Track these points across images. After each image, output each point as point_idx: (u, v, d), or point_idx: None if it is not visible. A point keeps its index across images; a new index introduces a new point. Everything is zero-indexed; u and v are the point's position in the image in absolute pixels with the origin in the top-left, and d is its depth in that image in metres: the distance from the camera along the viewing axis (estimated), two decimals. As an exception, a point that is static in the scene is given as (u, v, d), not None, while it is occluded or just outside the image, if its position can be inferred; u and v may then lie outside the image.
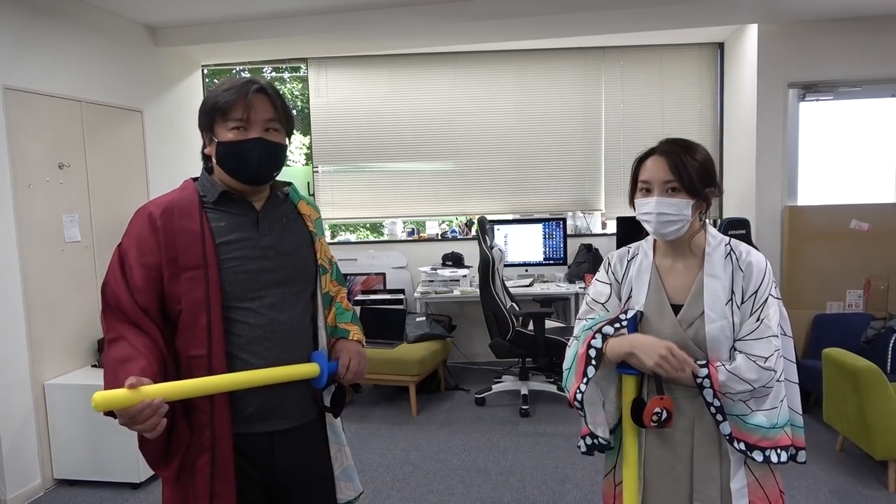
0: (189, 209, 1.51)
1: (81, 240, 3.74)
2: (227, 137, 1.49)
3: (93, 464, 3.46)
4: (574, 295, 4.89)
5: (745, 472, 1.55)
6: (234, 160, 1.50)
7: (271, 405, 1.54)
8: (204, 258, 1.47)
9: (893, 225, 4.52)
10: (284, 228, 1.61)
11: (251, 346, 1.51)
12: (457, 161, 5.59)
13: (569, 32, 4.81)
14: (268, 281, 1.54)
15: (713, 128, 5.43)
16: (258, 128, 1.50)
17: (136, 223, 1.52)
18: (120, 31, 4.21)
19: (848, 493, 3.16)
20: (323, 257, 1.69)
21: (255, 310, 1.51)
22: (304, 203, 1.71)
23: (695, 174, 1.53)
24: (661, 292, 1.61)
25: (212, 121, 1.51)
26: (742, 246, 1.60)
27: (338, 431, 1.70)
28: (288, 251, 1.59)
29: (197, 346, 1.46)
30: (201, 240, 1.48)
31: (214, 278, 1.47)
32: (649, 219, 1.57)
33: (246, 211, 1.56)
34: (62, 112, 3.65)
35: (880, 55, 4.49)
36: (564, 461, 3.61)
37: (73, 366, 3.68)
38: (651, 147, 1.62)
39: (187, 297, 1.46)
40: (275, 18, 4.42)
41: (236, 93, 1.47)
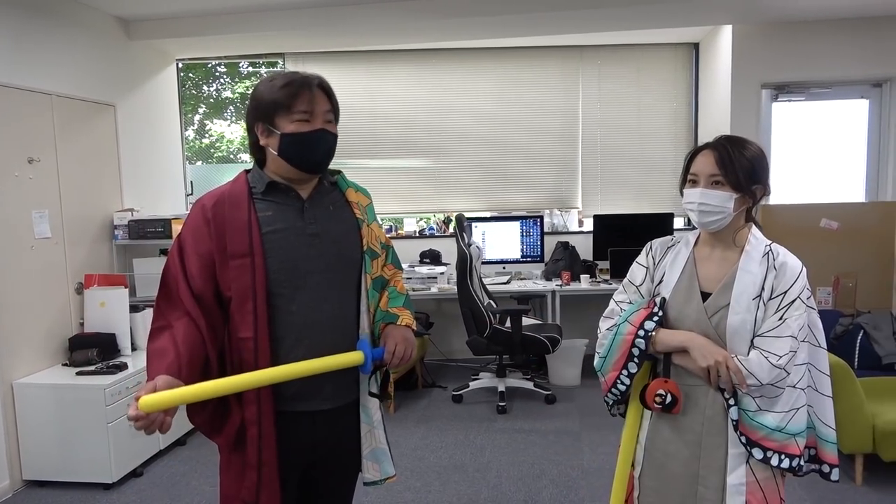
0: (238, 200, 1.59)
1: (52, 236, 3.66)
2: (293, 129, 1.55)
3: (64, 464, 3.40)
4: (551, 292, 4.92)
5: (746, 471, 1.57)
6: (300, 150, 1.57)
7: (313, 386, 1.60)
8: (251, 247, 1.55)
9: (862, 224, 4.61)
10: (331, 216, 1.66)
11: (296, 331, 1.58)
12: (435, 158, 5.58)
13: (547, 31, 4.83)
14: (312, 268, 1.60)
15: (688, 127, 5.50)
16: (320, 119, 1.58)
17: (192, 214, 1.61)
18: (93, 24, 4.13)
19: (816, 486, 3.22)
20: (374, 242, 1.72)
21: (300, 296, 1.58)
22: (353, 190, 1.75)
23: (741, 170, 1.57)
24: (694, 279, 1.65)
25: (273, 114, 1.56)
26: (782, 249, 1.63)
27: (370, 413, 1.73)
28: (333, 238, 1.64)
29: (245, 330, 1.55)
30: (248, 229, 1.56)
31: (260, 266, 1.54)
32: (692, 208, 1.61)
33: (293, 200, 1.63)
34: (32, 106, 3.57)
35: (850, 58, 4.58)
36: (541, 457, 3.63)
37: (43, 364, 3.61)
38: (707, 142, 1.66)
39: (236, 283, 1.55)
40: (251, 12, 4.38)
41: (300, 87, 1.55)
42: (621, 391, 1.68)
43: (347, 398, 1.69)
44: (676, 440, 1.64)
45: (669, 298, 1.65)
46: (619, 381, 1.66)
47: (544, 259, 5.34)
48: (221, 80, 7.14)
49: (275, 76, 1.60)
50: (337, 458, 1.72)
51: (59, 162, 3.73)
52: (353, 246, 1.68)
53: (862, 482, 3.21)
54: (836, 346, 4.05)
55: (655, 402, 1.60)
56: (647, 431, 1.70)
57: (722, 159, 1.57)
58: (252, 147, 1.65)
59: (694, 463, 1.62)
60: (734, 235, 1.64)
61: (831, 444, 1.62)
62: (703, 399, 1.61)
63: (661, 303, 1.66)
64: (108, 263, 4.15)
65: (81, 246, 3.92)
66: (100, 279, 3.92)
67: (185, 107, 5.60)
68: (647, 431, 1.70)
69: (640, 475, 1.71)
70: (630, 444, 1.72)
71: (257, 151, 1.65)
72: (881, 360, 3.91)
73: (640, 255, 1.79)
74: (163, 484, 3.45)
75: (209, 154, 6.52)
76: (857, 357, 3.97)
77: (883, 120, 4.74)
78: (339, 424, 1.69)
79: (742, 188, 1.58)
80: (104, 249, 4.13)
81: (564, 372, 4.85)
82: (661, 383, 1.59)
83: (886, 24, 4.51)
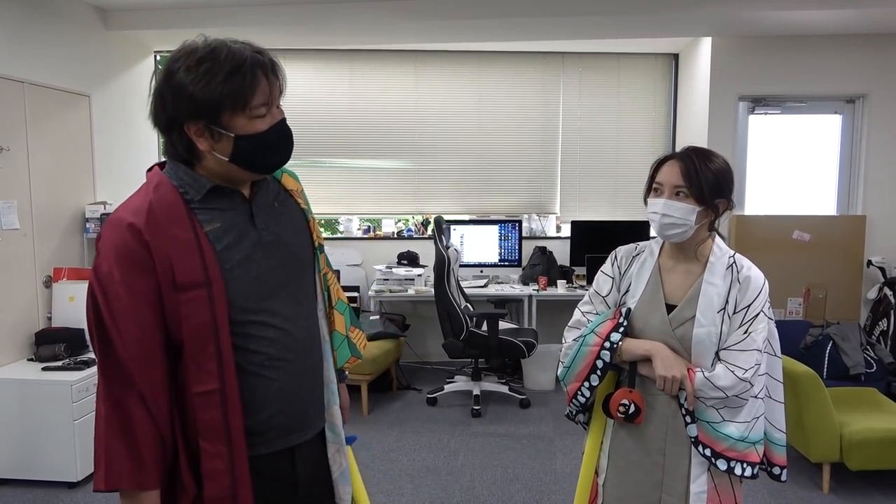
0: (174, 213, 1.22)
1: (20, 227, 3.57)
2: (253, 129, 1.23)
3: (26, 462, 3.31)
4: (528, 297, 4.93)
5: (707, 478, 1.58)
6: (264, 153, 1.27)
7: (294, 420, 1.35)
8: (205, 272, 1.21)
9: (833, 236, 4.71)
10: (279, 214, 1.38)
11: (271, 361, 1.30)
12: (414, 160, 5.57)
13: (529, 36, 4.85)
14: (276, 282, 1.32)
15: (666, 136, 5.56)
16: (276, 106, 1.27)
17: (113, 240, 1.20)
18: (69, 12, 4.04)
19: (784, 493, 3.27)
20: (319, 237, 1.49)
21: (269, 319, 1.30)
22: (287, 176, 1.46)
23: (706, 183, 1.57)
24: (659, 290, 1.65)
25: (218, 111, 1.20)
26: (745, 261, 1.64)
27: (338, 430, 1.48)
28: (288, 242, 1.37)
29: (206, 381, 1.21)
30: (198, 250, 1.21)
31: (221, 295, 1.22)
32: (654, 218, 1.62)
33: (237, 204, 1.31)
34: (3, 93, 3.48)
35: (825, 74, 4.68)
36: (514, 461, 3.63)
37: (7, 360, 3.51)
38: (673, 152, 1.67)
39: (188, 322, 1.20)
40: (232, 7, 4.32)
41: (253, 73, 1.20)
42: (582, 402, 1.69)
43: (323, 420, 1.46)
44: (640, 448, 1.65)
45: (635, 309, 1.65)
46: (580, 392, 1.67)
47: (522, 263, 5.35)
48: (200, 74, 7.04)
49: (202, 55, 1.19)
50: (316, 495, 1.45)
51: (30, 151, 3.64)
52: (305, 245, 1.43)
53: (829, 490, 3.27)
54: (805, 356, 4.12)
55: (619, 412, 1.61)
56: (611, 440, 1.71)
57: (688, 171, 1.57)
58: (181, 150, 1.26)
59: (657, 471, 1.63)
60: (696, 248, 1.64)
61: (781, 447, 1.66)
62: (666, 409, 1.62)
63: (626, 313, 1.66)
64: (78, 257, 4.06)
65: (51, 238, 3.83)
66: (69, 273, 3.83)
67: (162, 100, 5.52)
68: (610, 440, 1.71)
69: (605, 483, 1.72)
70: (594, 452, 1.73)
71: (183, 150, 1.26)
72: (849, 371, 3.99)
73: (605, 264, 1.78)
74: (129, 483, 3.38)
75: (185, 149, 6.47)
76: (826, 367, 4.04)
77: (855, 135, 4.84)
78: (315, 454, 1.44)
79: (705, 201, 1.58)
80: (75, 243, 4.04)
81: (539, 377, 4.86)
82: (625, 393, 1.60)
83: (861, 42, 4.62)
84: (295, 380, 1.34)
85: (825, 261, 4.70)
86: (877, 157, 4.73)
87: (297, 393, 1.35)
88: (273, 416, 1.31)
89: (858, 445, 3.15)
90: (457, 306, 4.35)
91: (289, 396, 1.33)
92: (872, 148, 4.73)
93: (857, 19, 4.28)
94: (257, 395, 1.29)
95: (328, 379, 1.46)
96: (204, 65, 1.18)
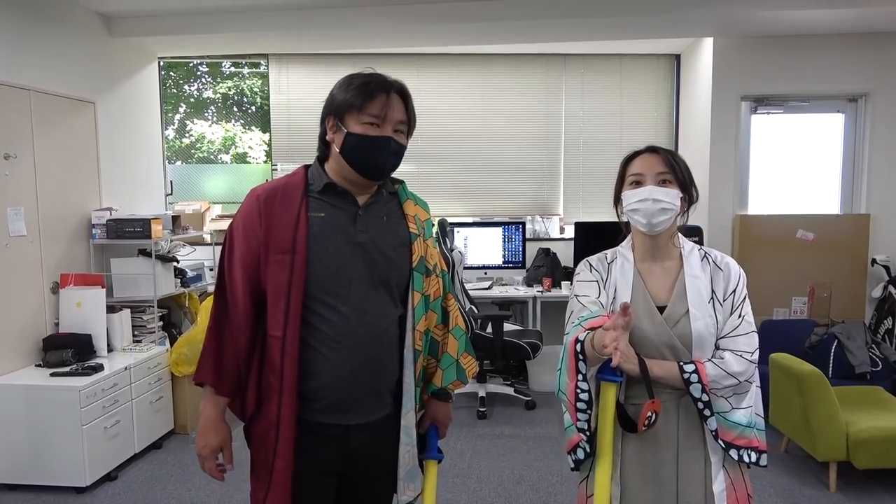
0: (292, 195, 1.54)
1: (27, 234, 3.59)
2: (359, 130, 1.50)
3: (35, 467, 3.32)
4: (532, 298, 4.93)
5: (724, 475, 1.57)
6: (363, 154, 1.52)
7: (347, 400, 1.55)
8: (293, 244, 1.50)
9: (837, 235, 4.71)
10: (383, 227, 1.60)
11: (331, 341, 1.52)
12: (418, 163, 5.58)
13: (531, 38, 4.86)
14: (356, 277, 1.53)
15: (668, 137, 5.56)
16: (390, 127, 1.53)
17: (246, 204, 1.57)
18: (74, 20, 4.07)
19: (791, 493, 3.27)
20: (429, 259, 1.67)
21: (340, 305, 1.52)
22: (412, 203, 1.70)
23: (684, 170, 1.61)
24: (645, 293, 1.61)
25: (344, 110, 1.51)
26: (714, 251, 1.66)
27: (411, 434, 1.65)
28: (382, 250, 1.57)
29: (275, 328, 1.51)
30: (295, 225, 1.51)
31: (300, 265, 1.49)
32: (642, 206, 1.56)
33: (348, 205, 1.57)
34: (9, 101, 3.50)
35: (827, 72, 4.67)
36: (521, 463, 3.64)
37: (16, 365, 3.53)
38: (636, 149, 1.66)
39: (272, 279, 1.51)
40: (236, 12, 4.35)
41: (377, 89, 1.51)
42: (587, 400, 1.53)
43: (384, 412, 1.63)
44: (653, 461, 1.57)
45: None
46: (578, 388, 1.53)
47: (526, 265, 5.35)
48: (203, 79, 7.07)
49: (357, 74, 1.57)
50: (373, 471, 1.66)
51: (37, 159, 3.67)
52: (401, 260, 1.61)
53: (836, 489, 3.27)
54: (810, 355, 4.12)
55: (645, 425, 1.49)
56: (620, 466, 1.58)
57: (667, 159, 1.59)
58: (320, 140, 1.60)
59: (672, 482, 1.56)
60: (671, 241, 1.64)
61: (761, 431, 1.61)
62: (674, 413, 1.57)
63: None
64: (84, 263, 4.08)
65: (58, 244, 3.85)
66: (76, 279, 3.85)
67: (165, 106, 5.54)
68: (620, 467, 1.58)
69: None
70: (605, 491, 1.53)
71: (323, 146, 1.59)
72: (854, 370, 3.99)
73: (580, 273, 1.69)
74: (138, 488, 3.39)
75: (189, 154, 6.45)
76: (832, 366, 4.05)
77: (858, 134, 4.84)
78: (376, 438, 1.62)
79: (686, 188, 1.61)
80: (81, 248, 4.06)
81: (545, 378, 4.86)
82: (650, 405, 1.48)
83: (862, 41, 4.62)
84: (348, 366, 1.53)
85: (829, 260, 4.70)
86: (880, 156, 4.73)
87: (351, 378, 1.54)
88: (323, 388, 1.53)
89: (865, 444, 3.15)
90: (461, 308, 4.36)
91: (341, 378, 1.53)
92: (875, 146, 4.73)
93: (858, 18, 4.28)
94: (312, 365, 1.53)
95: (407, 386, 1.62)
96: (352, 78, 1.56)
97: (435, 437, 1.78)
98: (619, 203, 1.67)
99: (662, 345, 1.56)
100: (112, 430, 3.48)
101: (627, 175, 1.63)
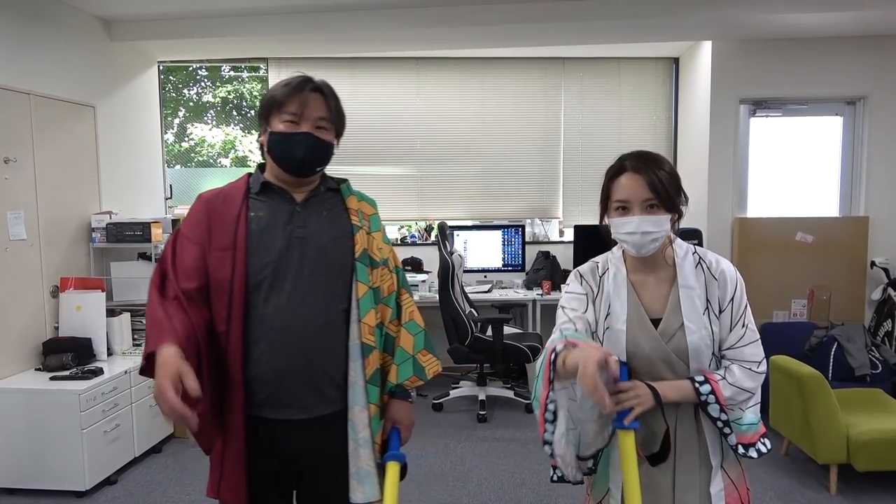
0: (234, 196, 1.64)
1: (27, 238, 3.59)
2: (279, 129, 1.59)
3: (35, 471, 3.32)
4: (532, 301, 4.94)
5: (722, 476, 1.57)
6: (282, 150, 1.60)
7: (286, 394, 1.59)
8: (234, 240, 1.58)
9: (836, 237, 4.72)
10: (322, 221, 1.66)
11: (271, 334, 1.58)
12: (417, 166, 5.59)
13: (530, 42, 4.87)
14: (294, 271, 1.59)
15: (667, 140, 5.57)
16: (309, 124, 1.60)
17: (193, 206, 1.68)
18: (74, 24, 4.08)
19: (792, 495, 3.27)
20: (374, 251, 1.70)
21: (277, 299, 1.58)
22: (355, 198, 1.75)
23: (670, 188, 1.52)
24: (640, 307, 1.59)
25: (269, 112, 1.62)
26: (710, 255, 1.61)
27: (357, 429, 1.64)
28: (321, 244, 1.63)
29: (219, 323, 1.58)
30: (235, 223, 1.60)
31: (241, 261, 1.57)
32: (631, 239, 1.53)
33: (285, 203, 1.64)
34: (9, 105, 3.51)
35: (826, 75, 4.69)
36: (521, 466, 3.64)
37: (15, 369, 3.53)
38: (619, 160, 1.60)
39: (214, 274, 1.58)
40: (235, 17, 4.35)
41: (293, 89, 1.60)
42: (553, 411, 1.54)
43: (330, 408, 1.63)
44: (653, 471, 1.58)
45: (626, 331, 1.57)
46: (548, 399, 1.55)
47: (525, 268, 5.36)
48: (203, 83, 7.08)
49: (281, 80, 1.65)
50: (323, 472, 1.66)
51: (37, 162, 3.67)
52: (343, 252, 1.65)
53: (836, 492, 3.27)
54: (810, 357, 4.13)
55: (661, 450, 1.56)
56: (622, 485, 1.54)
57: (652, 183, 1.50)
58: (260, 146, 1.70)
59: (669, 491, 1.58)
60: (664, 253, 1.59)
61: None
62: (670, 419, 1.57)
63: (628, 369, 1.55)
64: (84, 266, 4.08)
65: (58, 248, 3.85)
66: (76, 282, 3.85)
67: (165, 109, 5.55)
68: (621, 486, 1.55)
69: None
70: None
71: (261, 155, 1.70)
72: (854, 372, 4.00)
73: (569, 284, 1.69)
74: (137, 492, 3.39)
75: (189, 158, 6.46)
76: (832, 368, 4.05)
77: (856, 136, 4.85)
78: (323, 436, 1.63)
79: (673, 207, 1.54)
80: (81, 252, 4.06)
81: (544, 381, 4.85)
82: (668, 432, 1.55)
83: (860, 44, 4.63)
84: (285, 359, 1.57)
85: (829, 262, 4.70)
86: (878, 158, 4.74)
87: (288, 372, 1.58)
88: (262, 381, 1.58)
89: (865, 446, 3.15)
90: (461, 312, 4.36)
91: (278, 371, 1.58)
92: (874, 149, 4.74)
93: (856, 21, 4.29)
94: (253, 350, 1.58)
95: (353, 380, 1.63)
96: (281, 81, 1.64)
97: (397, 439, 1.74)
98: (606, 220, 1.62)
99: (658, 359, 1.55)
100: (112, 433, 3.47)
101: (613, 198, 1.57)
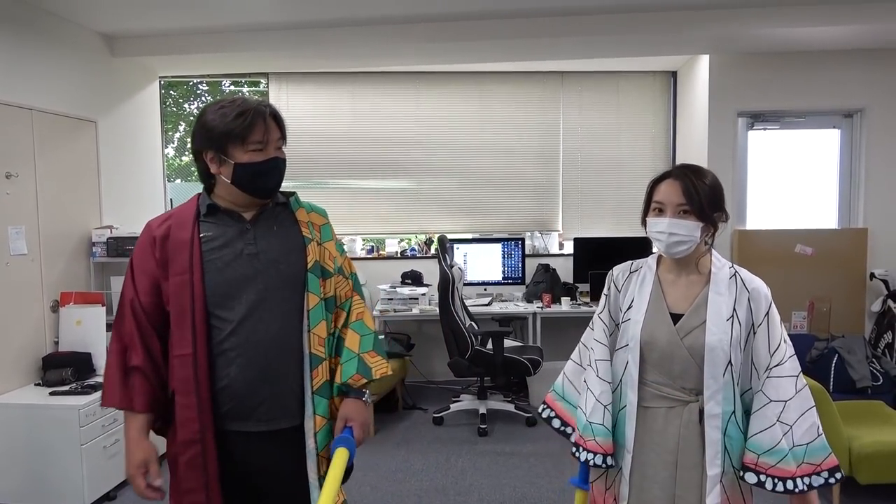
0: (185, 220, 1.66)
1: (28, 253, 3.60)
2: (247, 159, 1.60)
3: (34, 487, 3.30)
4: (532, 314, 4.93)
5: (720, 490, 1.59)
6: (254, 180, 1.62)
7: (247, 406, 1.62)
8: (190, 264, 1.61)
9: (835, 249, 4.73)
10: (273, 236, 1.69)
11: (233, 349, 1.61)
12: (417, 179, 5.61)
13: (529, 57, 4.91)
14: (248, 287, 1.63)
15: (666, 153, 5.60)
16: (272, 147, 1.64)
17: (141, 236, 1.70)
18: (75, 40, 4.11)
19: (795, 509, 3.25)
20: (327, 261, 1.73)
21: (233, 316, 1.61)
22: (304, 210, 1.77)
23: (705, 199, 1.60)
24: (661, 301, 1.68)
25: (225, 143, 1.59)
26: (745, 272, 1.67)
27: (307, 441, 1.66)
28: (273, 258, 1.66)
29: (184, 346, 1.60)
30: (189, 247, 1.62)
31: (198, 283, 1.60)
32: (661, 238, 1.63)
33: (235, 222, 1.67)
34: (11, 120, 3.53)
35: (823, 88, 4.72)
36: (522, 480, 3.62)
37: (15, 384, 3.52)
38: (665, 170, 1.69)
39: (175, 299, 1.61)
40: (236, 32, 4.39)
41: (254, 117, 1.59)
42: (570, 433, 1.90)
43: (292, 422, 1.65)
44: (657, 463, 1.65)
45: (643, 323, 1.66)
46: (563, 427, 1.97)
47: (525, 281, 5.36)
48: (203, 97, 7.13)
49: (224, 103, 1.63)
50: (280, 486, 1.67)
51: (38, 177, 3.68)
52: (295, 265, 1.68)
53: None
54: (811, 369, 4.12)
55: None
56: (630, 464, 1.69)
57: (688, 189, 1.60)
58: (201, 174, 1.69)
59: (671, 485, 1.63)
60: (697, 262, 1.67)
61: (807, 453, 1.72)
62: (677, 419, 1.63)
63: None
64: (85, 281, 4.08)
65: (58, 263, 3.86)
66: (76, 297, 3.85)
67: (165, 124, 5.57)
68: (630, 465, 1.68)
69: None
70: None
71: (206, 178, 1.69)
72: (855, 384, 3.99)
73: (605, 287, 1.82)
74: (136, 508, 3.37)
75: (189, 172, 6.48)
76: (833, 380, 4.05)
77: (854, 149, 4.87)
78: (280, 449, 1.65)
79: (707, 217, 1.61)
80: (81, 267, 4.07)
81: (545, 394, 4.84)
82: None
83: (857, 58, 4.67)
84: (244, 372, 1.61)
85: (828, 274, 4.71)
86: (876, 170, 4.76)
87: (248, 386, 1.62)
88: (224, 395, 1.62)
89: (868, 459, 3.13)
90: (461, 325, 4.36)
91: (239, 382, 1.61)
92: (871, 161, 4.77)
93: (853, 35, 4.33)
94: (217, 367, 1.62)
95: (306, 391, 1.66)
96: (223, 109, 1.60)
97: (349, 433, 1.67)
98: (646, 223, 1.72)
99: (670, 352, 1.62)
100: (111, 449, 3.46)
101: (653, 199, 1.68)
